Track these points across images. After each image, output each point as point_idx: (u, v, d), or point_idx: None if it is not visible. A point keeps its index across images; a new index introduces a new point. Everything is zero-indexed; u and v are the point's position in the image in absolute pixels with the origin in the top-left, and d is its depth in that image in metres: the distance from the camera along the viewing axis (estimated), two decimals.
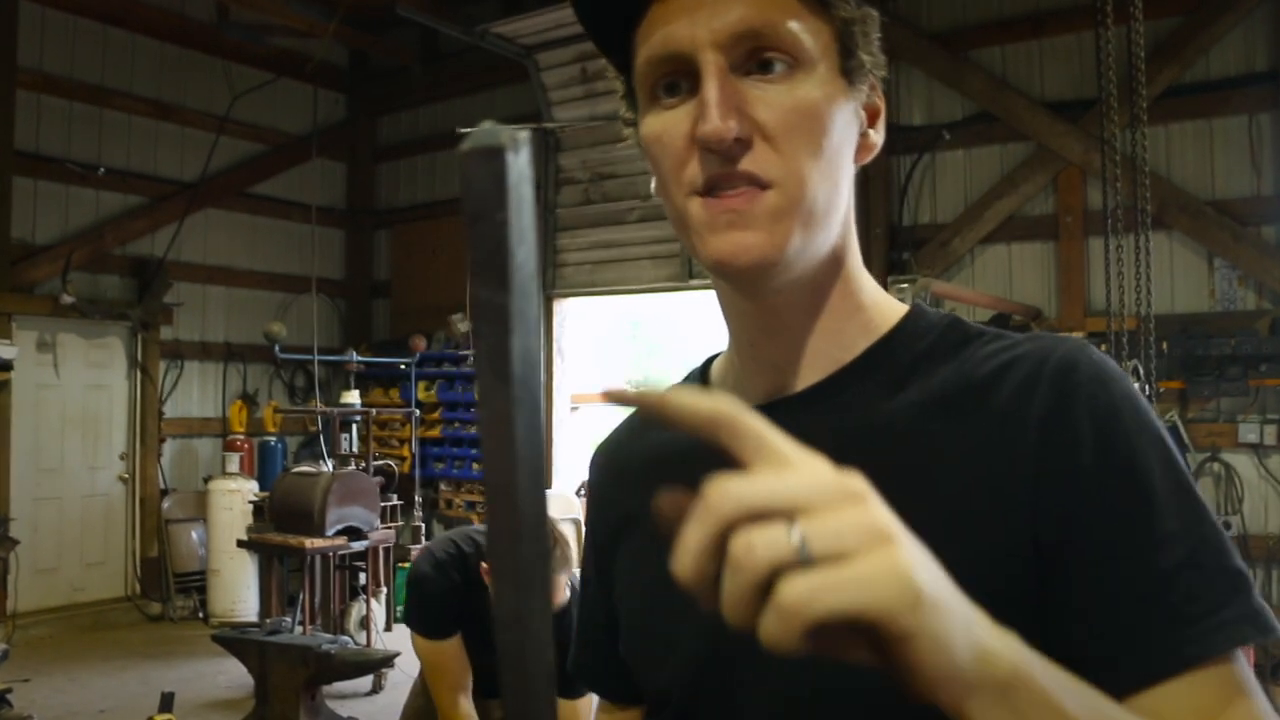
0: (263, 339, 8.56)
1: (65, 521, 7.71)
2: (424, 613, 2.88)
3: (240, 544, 6.44)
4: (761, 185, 0.67)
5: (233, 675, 5.50)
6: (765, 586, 0.42)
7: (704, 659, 0.74)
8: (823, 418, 0.72)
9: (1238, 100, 5.84)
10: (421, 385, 8.67)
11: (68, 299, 7.48)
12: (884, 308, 0.78)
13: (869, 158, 0.76)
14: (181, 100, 8.46)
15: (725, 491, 0.43)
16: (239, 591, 7.57)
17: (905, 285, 5.87)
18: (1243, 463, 5.69)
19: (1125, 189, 5.28)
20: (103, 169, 7.91)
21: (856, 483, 0.45)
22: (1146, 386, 5.09)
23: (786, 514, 0.43)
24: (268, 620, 5.70)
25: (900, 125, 6.88)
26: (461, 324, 8.39)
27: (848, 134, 0.72)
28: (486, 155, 0.37)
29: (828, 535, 0.42)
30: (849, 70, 0.72)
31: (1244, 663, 0.61)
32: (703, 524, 0.44)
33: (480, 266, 0.38)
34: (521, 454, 0.38)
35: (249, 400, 8.75)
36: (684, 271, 7.44)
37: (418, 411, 8.32)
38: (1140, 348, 5.16)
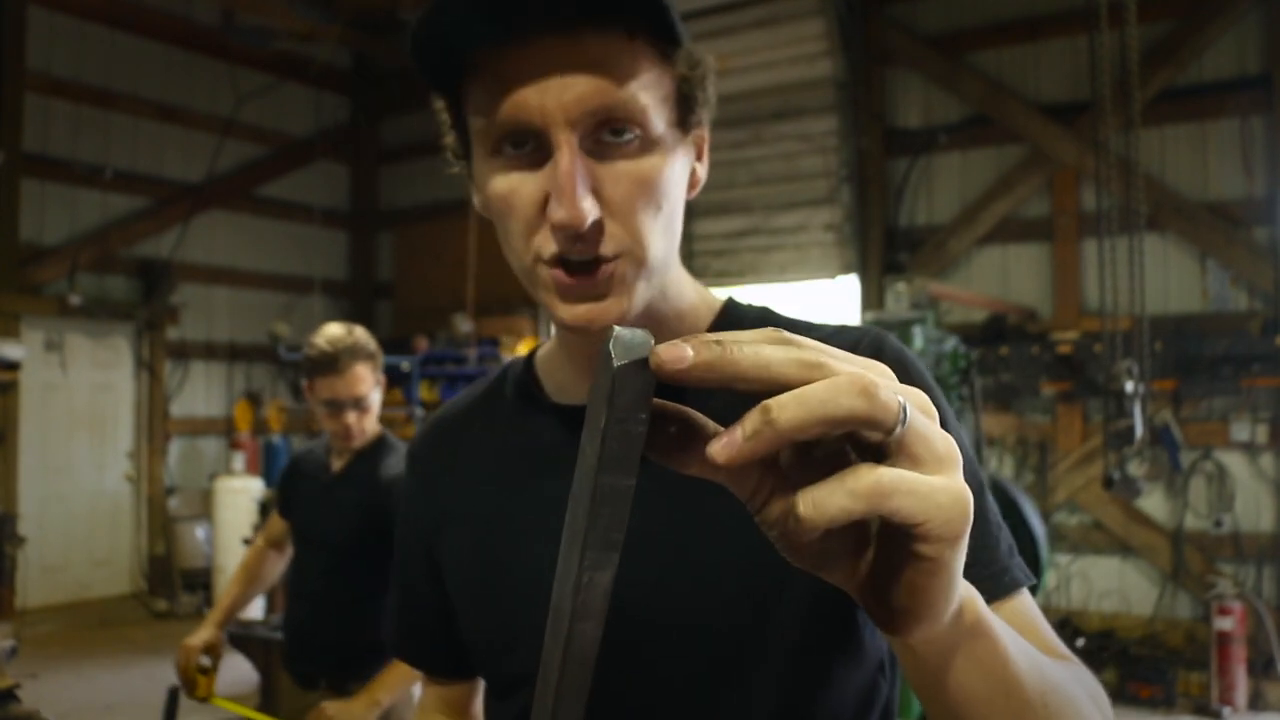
0: (267, 339, 8.65)
1: (72, 519, 7.79)
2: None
3: (245, 541, 6.51)
4: (611, 259, 0.70)
5: (238, 671, 5.54)
6: (838, 450, 0.39)
7: None
8: None
9: (1230, 103, 5.89)
10: (424, 385, 8.74)
11: (75, 300, 7.56)
12: (701, 309, 0.83)
13: (697, 190, 0.80)
14: (187, 103, 8.53)
15: (824, 347, 0.40)
16: None
17: (902, 286, 5.93)
18: (1235, 461, 5.75)
19: (1119, 191, 5.34)
20: (109, 171, 7.99)
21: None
22: (1140, 385, 5.15)
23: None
24: (273, 616, 5.76)
25: (897, 128, 6.96)
26: (463, 324, 8.46)
27: (683, 181, 0.76)
28: (640, 367, 0.41)
29: (925, 430, 0.39)
30: (687, 123, 0.75)
31: (1026, 597, 0.73)
32: (810, 353, 0.40)
33: (615, 458, 0.41)
34: (605, 607, 0.44)
35: (253, 399, 8.82)
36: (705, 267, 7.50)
37: (420, 411, 8.39)
38: (1134, 347, 5.21)
